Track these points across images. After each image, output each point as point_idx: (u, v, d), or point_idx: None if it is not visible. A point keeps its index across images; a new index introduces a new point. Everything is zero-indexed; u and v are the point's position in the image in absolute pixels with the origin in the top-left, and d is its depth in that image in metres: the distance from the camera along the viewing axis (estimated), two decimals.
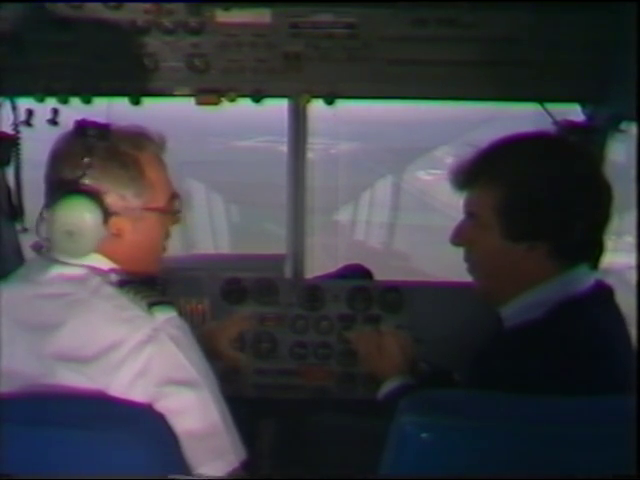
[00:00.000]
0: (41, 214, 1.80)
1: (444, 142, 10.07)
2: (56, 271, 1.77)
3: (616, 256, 1.97)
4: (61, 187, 1.77)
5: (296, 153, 2.81)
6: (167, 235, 1.97)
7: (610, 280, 1.92)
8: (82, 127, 1.81)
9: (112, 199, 1.79)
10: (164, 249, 1.99)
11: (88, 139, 1.79)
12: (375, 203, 10.06)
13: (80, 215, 1.74)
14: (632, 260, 2.39)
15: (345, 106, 2.72)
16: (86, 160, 1.76)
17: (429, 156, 11.65)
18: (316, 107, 2.71)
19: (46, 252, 1.82)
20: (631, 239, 2.21)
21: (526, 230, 1.81)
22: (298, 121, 2.74)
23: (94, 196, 1.76)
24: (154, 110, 2.53)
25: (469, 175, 1.92)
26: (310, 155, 2.84)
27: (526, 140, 1.92)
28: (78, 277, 1.76)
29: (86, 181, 1.76)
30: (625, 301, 1.89)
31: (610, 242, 1.91)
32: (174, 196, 1.93)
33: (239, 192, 10.59)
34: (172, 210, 1.93)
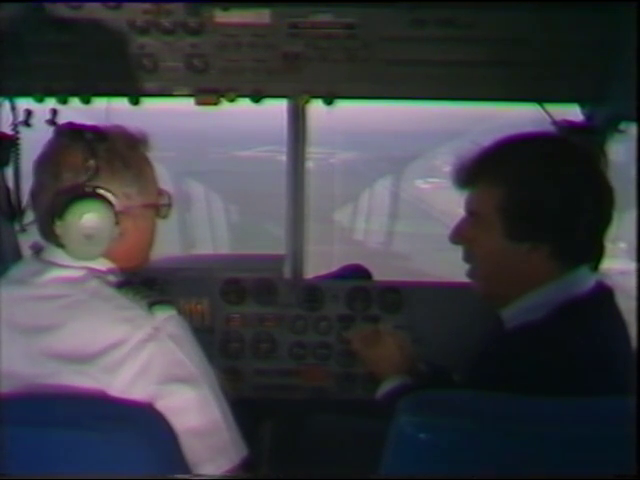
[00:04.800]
0: (52, 221, 1.77)
1: (442, 151, 10.13)
2: (54, 273, 1.77)
3: (611, 262, 1.97)
4: (68, 192, 1.76)
5: (295, 153, 2.81)
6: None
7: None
8: (78, 131, 1.81)
9: (118, 199, 1.80)
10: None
11: (88, 142, 1.79)
12: (373, 211, 10.11)
13: (98, 218, 1.75)
14: (626, 266, 2.40)
15: (344, 115, 2.73)
16: (91, 163, 1.77)
17: (427, 165, 11.70)
18: (315, 115, 2.72)
19: (45, 254, 1.82)
20: (624, 245, 2.21)
21: (528, 230, 1.80)
22: (297, 122, 2.74)
23: (106, 198, 1.77)
24: (155, 119, 2.53)
25: (472, 173, 1.92)
26: (309, 164, 2.84)
27: (531, 140, 1.92)
28: (76, 279, 1.76)
29: (93, 183, 1.77)
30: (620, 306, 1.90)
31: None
32: (161, 191, 1.95)
33: (239, 199, 10.66)
34: (163, 204, 1.95)
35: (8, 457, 1.45)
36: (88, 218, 1.74)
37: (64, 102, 2.49)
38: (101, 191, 1.78)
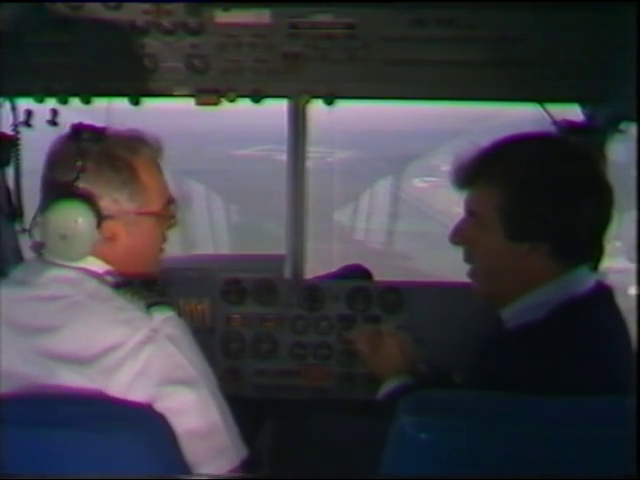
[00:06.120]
0: (35, 217, 1.81)
1: (439, 150, 10.15)
2: (52, 274, 1.77)
3: (607, 261, 1.98)
4: (55, 190, 1.77)
5: (296, 153, 2.81)
6: (164, 238, 1.97)
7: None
8: (77, 130, 1.81)
9: (105, 203, 1.79)
10: (161, 251, 1.99)
11: (82, 142, 1.79)
12: (370, 210, 10.13)
13: (73, 219, 1.74)
14: (622, 265, 2.41)
15: (342, 115, 2.73)
16: (79, 163, 1.76)
17: (424, 164, 11.73)
18: (314, 114, 2.72)
19: (44, 254, 1.82)
20: (620, 244, 2.22)
21: (528, 230, 1.80)
22: (298, 122, 2.74)
23: (87, 200, 1.76)
24: (152, 119, 2.53)
25: (471, 174, 1.92)
26: (308, 163, 2.84)
27: (529, 140, 1.92)
28: (74, 280, 1.76)
29: (80, 184, 1.76)
30: None
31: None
32: (170, 201, 1.94)
33: (237, 198, 10.68)
34: (167, 215, 1.93)
35: (8, 457, 1.45)
36: (62, 218, 1.74)
37: (64, 102, 2.50)
38: (83, 192, 1.76)
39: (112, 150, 1.82)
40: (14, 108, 2.36)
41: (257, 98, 2.57)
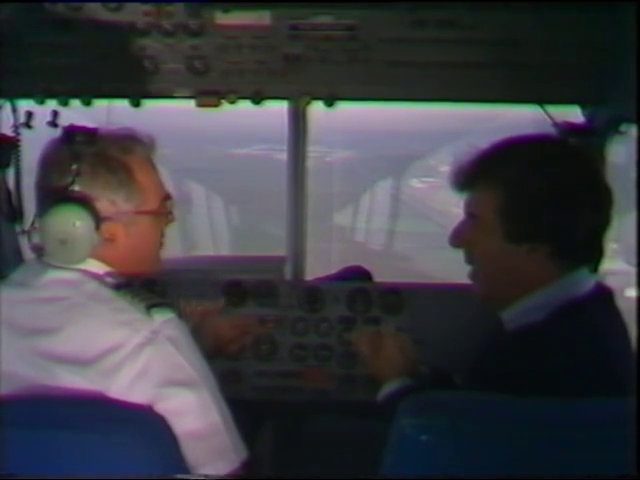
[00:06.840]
0: (33, 222, 1.81)
1: (438, 151, 10.17)
2: (52, 275, 1.77)
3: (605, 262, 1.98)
4: (51, 195, 1.77)
5: (296, 155, 2.81)
6: (162, 235, 1.97)
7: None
8: (70, 133, 1.81)
9: (102, 205, 1.79)
10: (161, 247, 1.99)
11: (76, 145, 1.78)
12: (368, 210, 10.14)
13: (72, 223, 1.74)
14: (618, 266, 2.41)
15: (341, 115, 2.74)
16: (74, 167, 1.76)
17: (423, 164, 11.75)
18: (313, 114, 2.72)
19: (44, 255, 1.83)
20: (617, 246, 2.22)
21: (527, 232, 1.81)
22: (298, 123, 2.75)
23: (85, 203, 1.76)
24: (151, 117, 2.54)
25: (470, 176, 1.92)
26: (307, 163, 2.84)
27: (528, 141, 1.92)
28: (74, 281, 1.76)
29: (75, 188, 1.76)
30: None
31: None
32: (166, 197, 1.94)
33: (236, 198, 10.70)
34: (164, 212, 1.93)
35: (8, 458, 1.45)
36: (61, 222, 1.74)
37: (65, 104, 2.50)
38: (81, 196, 1.77)
39: (106, 151, 1.81)
40: (14, 109, 2.36)
41: (258, 100, 2.57)
